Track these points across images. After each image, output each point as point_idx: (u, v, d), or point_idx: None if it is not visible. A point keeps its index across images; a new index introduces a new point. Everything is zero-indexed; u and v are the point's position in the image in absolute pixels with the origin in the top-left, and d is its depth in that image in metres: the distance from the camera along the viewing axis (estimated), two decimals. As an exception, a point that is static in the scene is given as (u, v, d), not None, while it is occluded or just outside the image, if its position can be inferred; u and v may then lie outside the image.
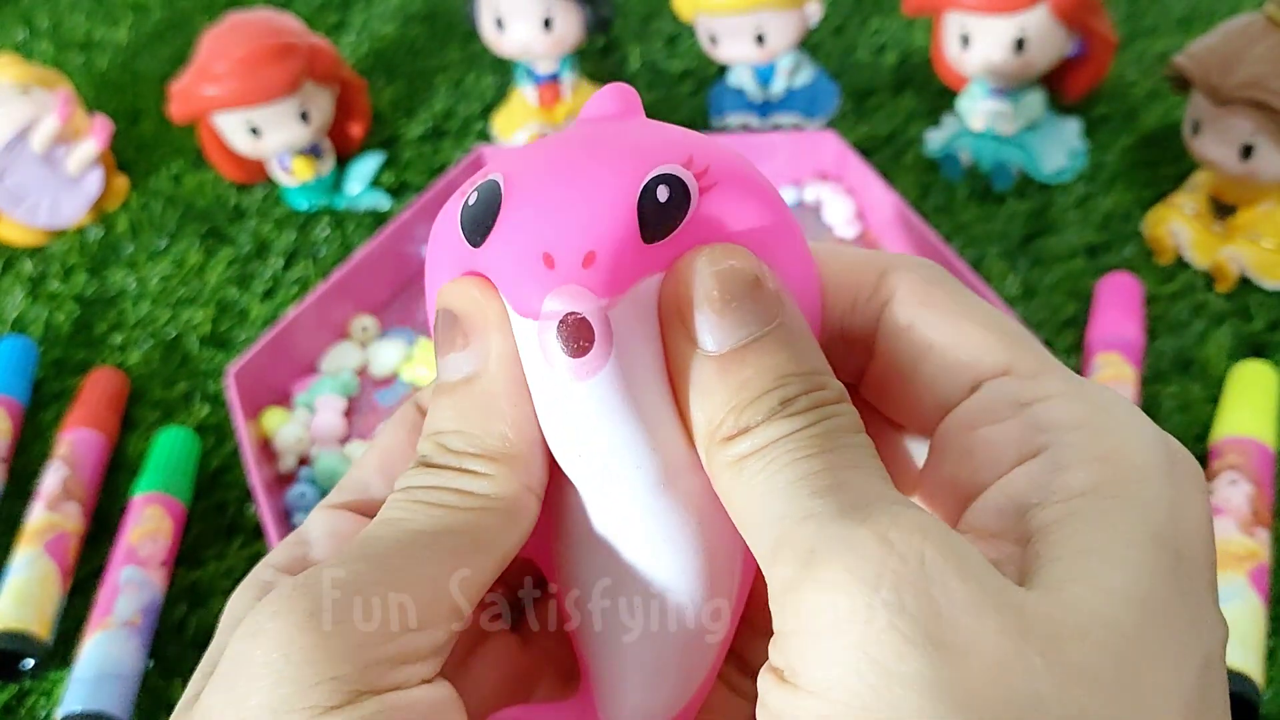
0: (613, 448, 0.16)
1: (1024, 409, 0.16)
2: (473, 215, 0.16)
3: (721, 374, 0.16)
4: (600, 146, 0.16)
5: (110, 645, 0.40)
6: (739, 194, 0.17)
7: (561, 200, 0.16)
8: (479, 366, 0.17)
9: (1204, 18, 0.63)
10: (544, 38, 0.56)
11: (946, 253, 0.49)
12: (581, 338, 0.15)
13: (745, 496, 0.16)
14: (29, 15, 0.76)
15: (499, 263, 0.16)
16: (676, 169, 0.16)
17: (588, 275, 0.15)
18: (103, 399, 0.50)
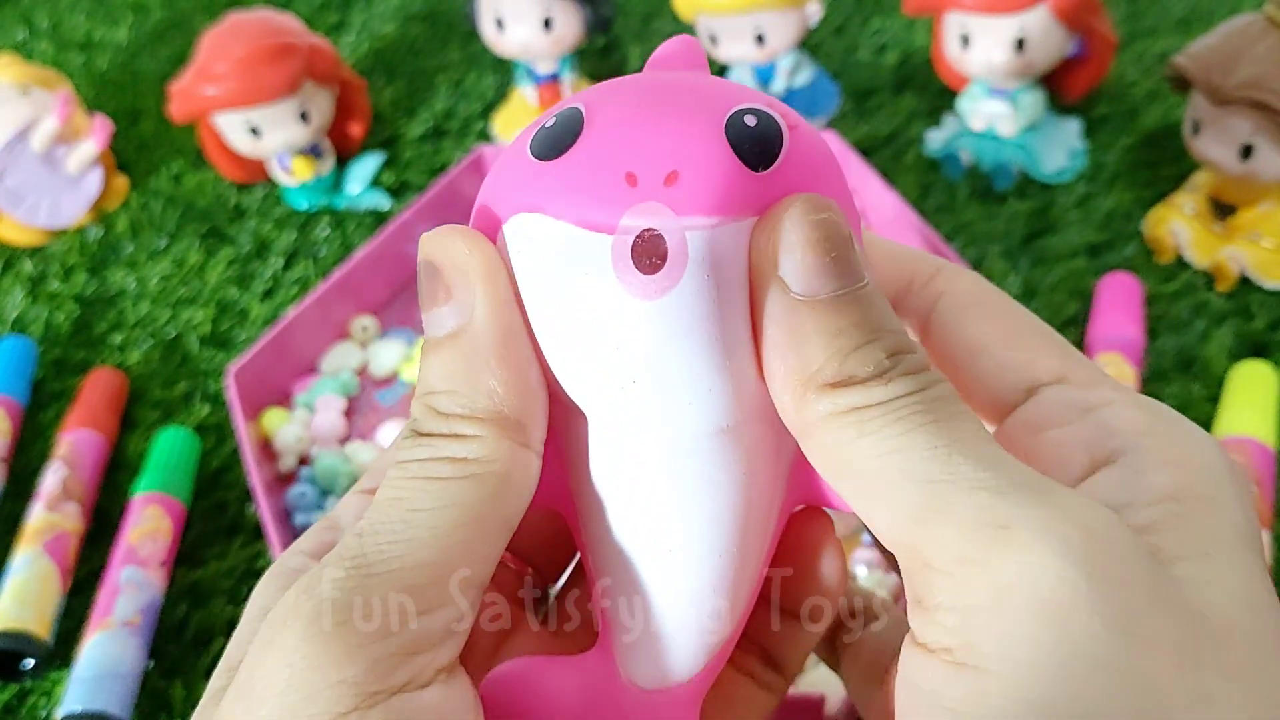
0: (668, 378, 0.15)
1: (1089, 414, 0.17)
2: (549, 135, 0.16)
3: (818, 319, 0.15)
4: (682, 83, 0.16)
5: (110, 645, 0.40)
6: (817, 143, 0.17)
7: (647, 121, 0.15)
8: (464, 321, 0.16)
9: (1204, 18, 0.63)
10: (544, 38, 0.56)
11: (947, 252, 0.49)
12: (654, 254, 0.15)
13: (867, 452, 0.15)
14: (29, 15, 0.76)
15: (573, 176, 0.15)
16: (760, 105, 0.16)
17: (668, 193, 0.15)
18: (102, 399, 0.50)
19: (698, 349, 0.15)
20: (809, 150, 0.16)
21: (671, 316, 0.15)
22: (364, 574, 0.15)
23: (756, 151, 0.15)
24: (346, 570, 0.15)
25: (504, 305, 0.16)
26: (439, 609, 0.15)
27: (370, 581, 0.15)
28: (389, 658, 0.15)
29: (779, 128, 0.16)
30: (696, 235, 0.15)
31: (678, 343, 0.15)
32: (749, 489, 0.17)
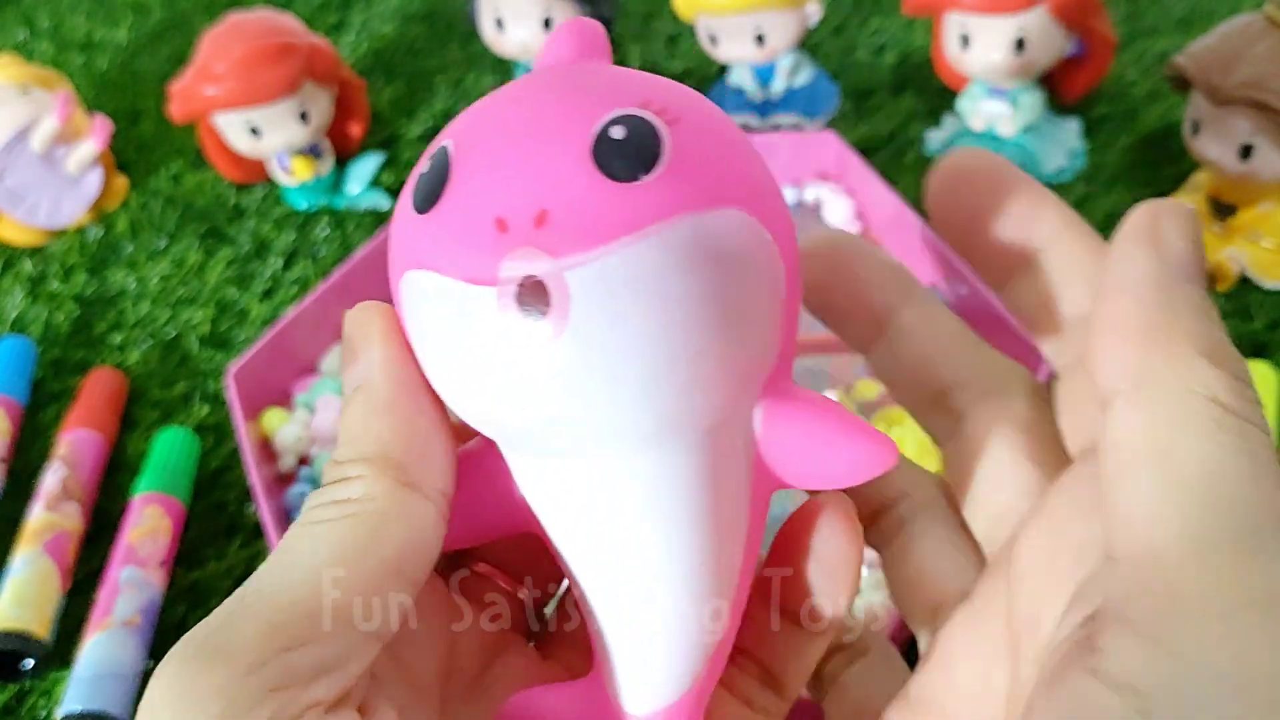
0: (582, 414, 0.15)
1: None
2: (424, 184, 0.16)
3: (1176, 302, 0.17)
4: (548, 97, 0.16)
5: (110, 645, 0.40)
6: (713, 129, 0.16)
7: (509, 158, 0.15)
8: (366, 376, 0.17)
9: (1204, 18, 0.63)
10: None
11: (947, 253, 0.49)
12: (539, 300, 0.14)
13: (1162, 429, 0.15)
14: (29, 15, 0.76)
15: (447, 229, 0.15)
16: (632, 109, 0.15)
17: (541, 235, 0.14)
18: (102, 399, 0.50)
19: (603, 380, 0.15)
20: (701, 140, 0.15)
21: (569, 356, 0.15)
22: (234, 615, 0.16)
23: (629, 165, 0.15)
24: (219, 614, 0.16)
25: (395, 358, 0.17)
26: (308, 645, 0.15)
27: (236, 621, 0.15)
28: (251, 693, 0.15)
29: (653, 130, 0.15)
30: (575, 273, 0.14)
31: (581, 380, 0.15)
32: (699, 494, 0.16)
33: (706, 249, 0.15)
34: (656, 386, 0.15)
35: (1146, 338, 0.16)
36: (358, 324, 0.17)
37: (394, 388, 0.17)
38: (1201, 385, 0.15)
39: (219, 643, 0.15)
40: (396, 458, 0.16)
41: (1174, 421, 0.15)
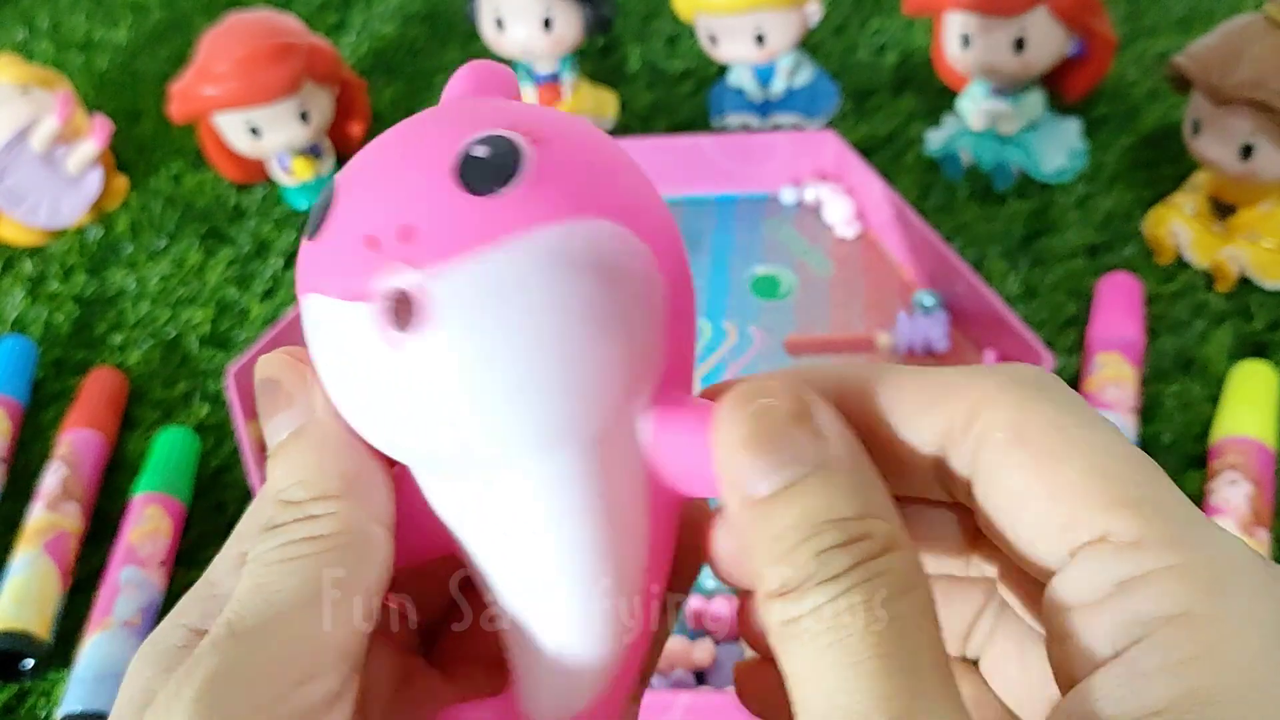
0: (458, 420, 0.15)
1: (1121, 591, 0.14)
2: (313, 214, 0.16)
3: (760, 522, 0.15)
4: (424, 126, 0.16)
5: (110, 645, 0.40)
6: (584, 145, 0.16)
7: (379, 182, 0.16)
8: (304, 419, 0.17)
9: (1204, 18, 0.63)
10: (544, 38, 0.56)
11: (947, 253, 0.49)
12: (404, 311, 0.15)
13: (793, 668, 0.15)
14: (29, 15, 0.76)
15: (328, 252, 0.16)
16: (497, 130, 0.16)
17: (408, 249, 0.15)
18: (102, 399, 0.50)
19: (477, 388, 0.15)
20: (569, 156, 0.16)
21: (434, 363, 0.15)
22: (239, 657, 0.15)
23: (488, 179, 0.15)
24: (222, 656, 0.16)
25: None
26: (318, 678, 0.16)
27: (245, 663, 0.15)
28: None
29: (514, 147, 0.15)
30: (439, 282, 0.15)
31: (455, 389, 0.15)
32: (590, 501, 0.16)
33: (569, 258, 0.15)
34: (529, 394, 0.15)
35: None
36: (287, 369, 0.17)
37: (342, 427, 0.17)
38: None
39: (234, 688, 0.15)
40: (360, 493, 0.17)
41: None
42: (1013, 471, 0.15)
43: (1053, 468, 0.15)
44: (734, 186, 0.57)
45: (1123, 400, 0.44)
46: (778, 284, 0.52)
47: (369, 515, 0.17)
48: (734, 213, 0.56)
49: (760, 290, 0.52)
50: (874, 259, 0.53)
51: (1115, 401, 0.44)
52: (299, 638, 0.16)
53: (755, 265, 0.53)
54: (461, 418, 0.15)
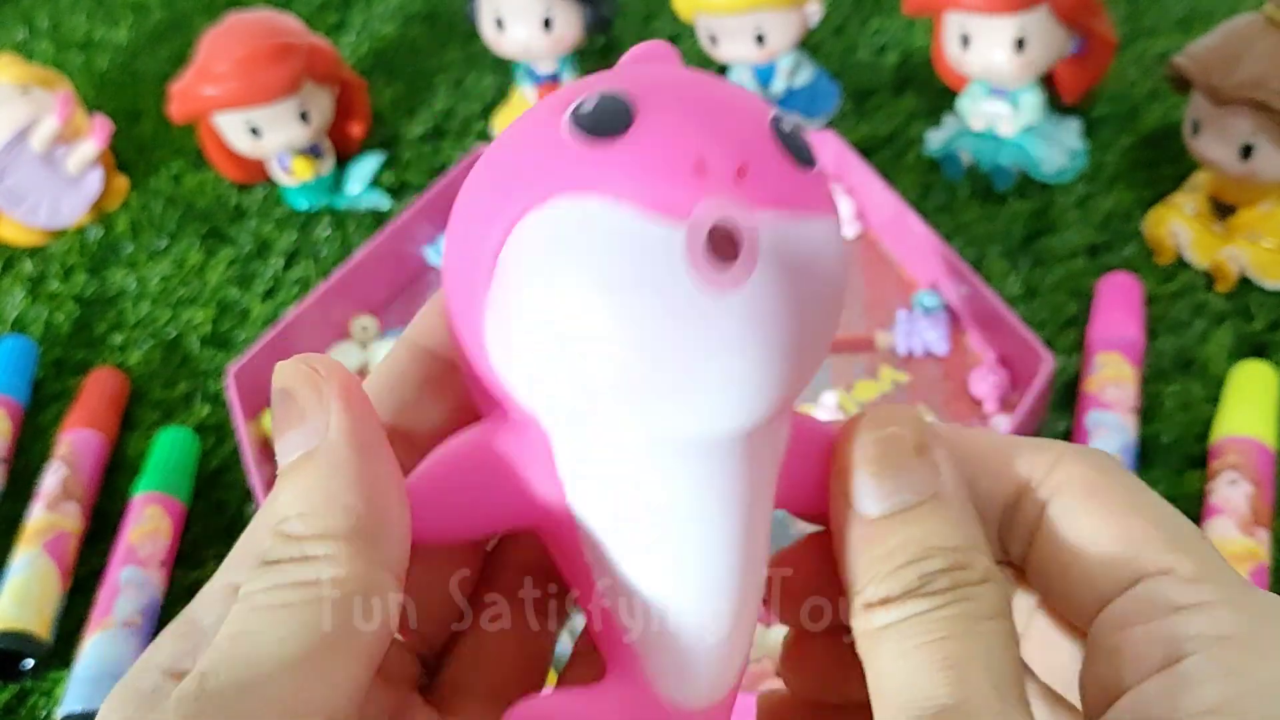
0: (723, 377, 0.14)
1: (1176, 613, 0.16)
2: (594, 115, 0.15)
3: (869, 539, 0.16)
4: (716, 82, 0.16)
5: (110, 645, 0.40)
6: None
7: (704, 112, 0.15)
8: (318, 439, 0.15)
9: (1204, 18, 0.63)
10: (544, 38, 0.56)
11: (947, 253, 0.49)
12: (730, 249, 0.14)
13: (875, 668, 0.16)
14: (29, 15, 0.76)
15: (636, 158, 0.14)
16: (786, 115, 0.16)
17: (740, 185, 0.14)
18: (103, 399, 0.50)
19: (760, 348, 0.15)
20: (823, 157, 0.17)
21: (740, 313, 0.14)
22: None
23: (805, 155, 0.15)
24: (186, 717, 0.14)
25: (361, 420, 0.16)
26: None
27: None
28: None
29: (806, 134, 0.16)
30: (768, 231, 0.15)
31: (742, 341, 0.14)
32: (761, 488, 0.17)
33: (842, 247, 0.16)
34: (792, 362, 0.15)
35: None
36: (305, 380, 0.16)
37: (360, 455, 0.15)
38: None
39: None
40: (368, 534, 0.15)
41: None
42: (1085, 516, 0.17)
43: (1124, 516, 0.17)
44: (734, 186, 0.57)
45: (1123, 400, 0.44)
46: (778, 284, 0.53)
47: (376, 561, 0.15)
48: (734, 213, 0.56)
49: (760, 290, 0.52)
50: (874, 259, 0.53)
51: (1115, 401, 0.44)
52: (275, 703, 0.14)
53: (755, 265, 0.53)
54: (737, 366, 0.15)
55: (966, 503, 0.17)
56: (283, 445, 0.16)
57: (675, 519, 0.16)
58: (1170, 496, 0.46)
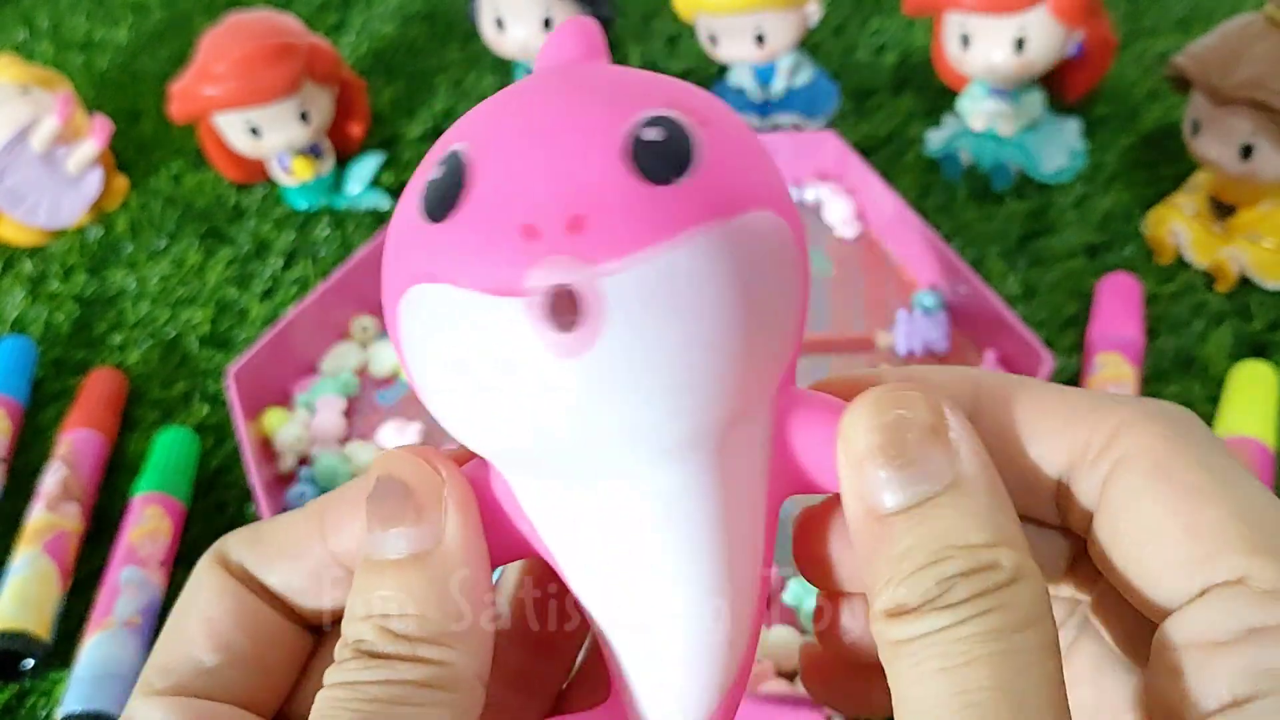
0: (612, 427, 0.14)
1: (1249, 637, 0.14)
2: (436, 190, 0.15)
3: (883, 537, 0.14)
4: (571, 96, 0.15)
5: (110, 645, 0.40)
6: (737, 134, 0.15)
7: (536, 160, 0.14)
8: (429, 545, 0.15)
9: (1204, 18, 0.63)
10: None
11: (947, 252, 0.49)
12: (571, 310, 0.14)
13: (895, 685, 0.14)
14: (29, 15, 0.76)
15: (468, 238, 0.14)
16: (663, 109, 0.14)
17: (576, 241, 0.14)
18: (102, 399, 0.50)
19: (639, 391, 0.14)
20: (729, 144, 0.15)
21: (603, 367, 0.14)
22: None
23: (664, 166, 0.14)
24: None
25: (475, 529, 0.16)
26: None
27: None
28: None
29: (685, 133, 0.14)
30: (612, 279, 0.14)
31: (616, 392, 0.14)
32: (718, 504, 0.16)
33: (742, 253, 0.14)
34: (689, 397, 0.14)
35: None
36: (424, 479, 0.16)
37: (472, 566, 0.15)
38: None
39: None
40: (475, 642, 0.15)
41: None
42: (1150, 501, 0.15)
43: (1194, 503, 0.15)
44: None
45: (1122, 400, 0.44)
46: (778, 284, 0.52)
47: (478, 669, 0.15)
48: (734, 213, 0.56)
49: (760, 290, 0.52)
50: (874, 259, 0.53)
51: (1115, 401, 0.44)
52: None
53: (755, 265, 0.53)
54: (616, 423, 0.14)
55: (994, 487, 0.15)
56: (388, 539, 0.16)
57: (624, 549, 0.16)
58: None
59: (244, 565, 0.18)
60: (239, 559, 0.18)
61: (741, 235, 0.14)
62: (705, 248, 0.14)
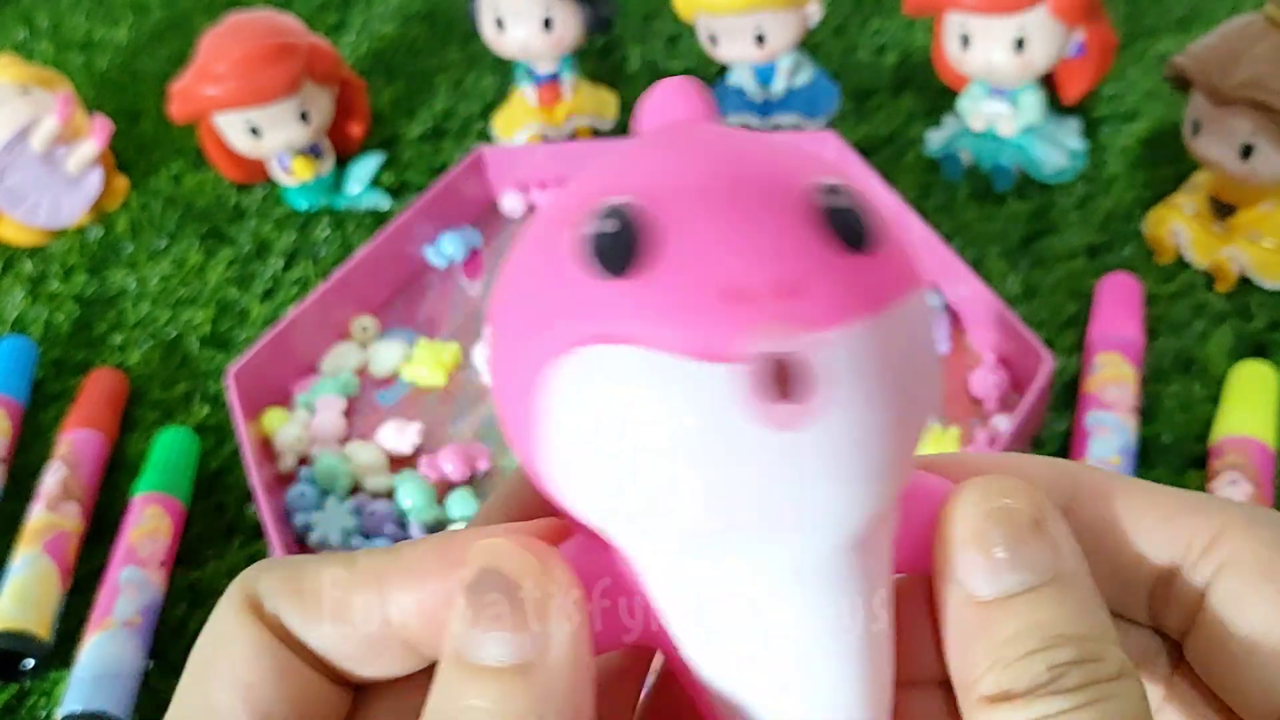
0: (807, 512, 0.13)
1: None
2: (610, 243, 0.13)
3: (985, 623, 0.14)
4: (746, 151, 0.14)
5: (110, 645, 0.40)
6: (872, 196, 0.15)
7: (730, 218, 0.13)
8: (535, 655, 0.14)
9: (1204, 18, 0.63)
10: (544, 38, 0.56)
11: (947, 253, 0.49)
12: (787, 380, 0.13)
13: None
14: (29, 15, 0.76)
15: (664, 297, 0.13)
16: (834, 179, 0.14)
17: (789, 307, 0.13)
18: (102, 399, 0.50)
19: (849, 471, 0.13)
20: (885, 215, 0.14)
21: (821, 443, 0.13)
22: None
23: (862, 235, 0.13)
24: None
25: (585, 643, 0.14)
26: None
27: None
28: None
29: (865, 201, 0.14)
30: (831, 350, 0.13)
31: (831, 468, 0.13)
32: (873, 587, 0.15)
33: (926, 326, 0.14)
34: (890, 476, 0.14)
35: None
36: (535, 578, 0.14)
37: (583, 677, 0.14)
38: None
39: None
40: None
41: None
42: (1260, 606, 0.15)
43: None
44: (734, 186, 0.57)
45: (1123, 400, 0.44)
46: (778, 284, 0.53)
47: None
48: (734, 213, 0.56)
49: (760, 290, 0.52)
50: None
51: (1115, 401, 0.44)
52: None
53: (755, 265, 0.53)
54: (817, 501, 0.13)
55: (1091, 585, 0.15)
56: (487, 642, 0.14)
57: (786, 645, 0.15)
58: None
59: (281, 618, 0.16)
60: (274, 609, 0.16)
61: (924, 308, 0.14)
62: (910, 321, 0.13)
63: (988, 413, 0.46)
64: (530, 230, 0.14)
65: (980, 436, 0.45)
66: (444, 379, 0.50)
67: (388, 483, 0.46)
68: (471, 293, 0.54)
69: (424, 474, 0.47)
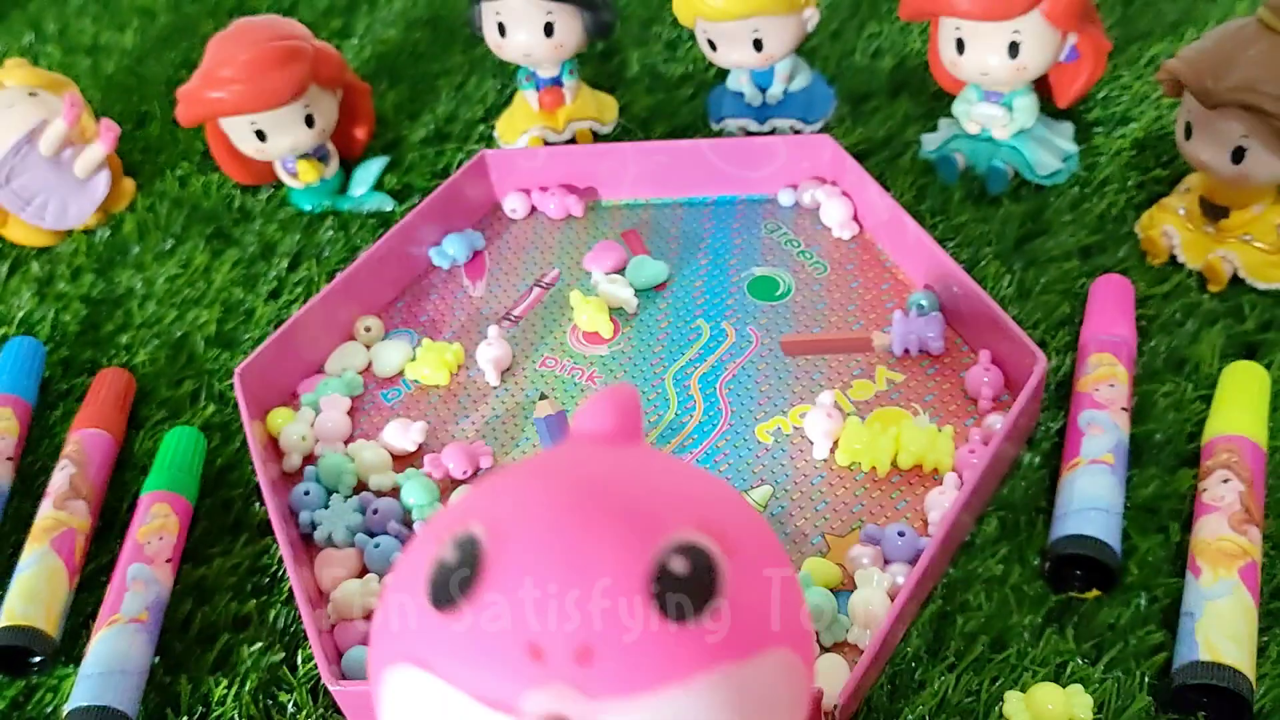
0: None
1: None
2: (444, 575, 0.14)
3: None
4: (599, 504, 0.14)
5: (117, 641, 0.41)
6: (763, 550, 0.14)
7: (556, 572, 0.13)
8: None
9: (1196, 22, 0.63)
10: (545, 43, 0.57)
11: (942, 255, 0.49)
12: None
13: None
14: (37, 20, 0.77)
15: (471, 641, 0.13)
16: (694, 535, 0.14)
17: (581, 673, 0.13)
18: (110, 398, 0.50)
19: None
20: (756, 575, 0.14)
21: None
22: None
23: (685, 606, 0.14)
24: None
25: None
26: None
27: None
28: None
29: (713, 564, 0.14)
30: (613, 718, 0.13)
31: None
32: None
33: (750, 697, 0.14)
34: None
35: None
36: None
37: None
38: None
39: None
40: None
41: None
42: None
43: None
44: (732, 189, 0.57)
45: (1115, 400, 0.45)
46: (776, 285, 0.53)
47: None
48: (733, 215, 0.57)
49: (758, 291, 0.53)
50: (870, 260, 0.54)
51: (1108, 401, 0.45)
52: None
53: (753, 267, 0.54)
54: None
55: None
56: None
57: None
58: (1162, 495, 0.46)
59: None
60: None
61: (753, 678, 0.14)
62: (713, 694, 0.13)
63: (982, 412, 0.47)
64: (430, 523, 0.15)
65: (974, 435, 0.45)
66: (447, 378, 0.51)
67: (392, 481, 0.47)
68: (474, 294, 0.55)
69: (428, 472, 0.47)
